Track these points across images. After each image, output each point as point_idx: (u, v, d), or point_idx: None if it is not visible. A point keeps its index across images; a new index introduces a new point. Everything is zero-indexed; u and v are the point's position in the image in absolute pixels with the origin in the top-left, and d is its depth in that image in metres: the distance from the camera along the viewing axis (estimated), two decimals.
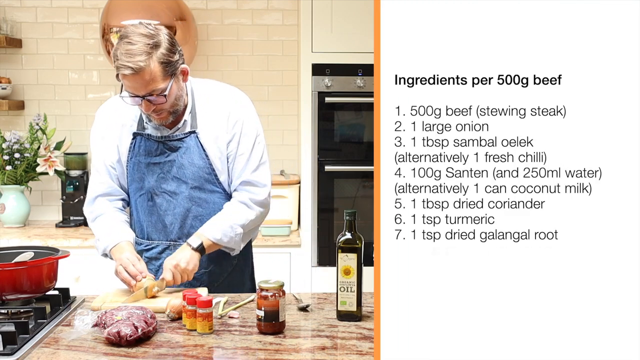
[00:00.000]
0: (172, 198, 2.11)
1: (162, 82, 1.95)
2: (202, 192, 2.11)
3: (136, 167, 2.12)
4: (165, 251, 2.14)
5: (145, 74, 1.91)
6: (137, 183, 2.13)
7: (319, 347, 1.65)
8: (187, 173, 2.09)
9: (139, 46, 1.91)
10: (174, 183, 2.10)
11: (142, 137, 2.11)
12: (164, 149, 2.10)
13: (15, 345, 1.58)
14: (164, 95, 1.96)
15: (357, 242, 1.81)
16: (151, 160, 2.11)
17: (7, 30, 3.66)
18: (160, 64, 1.93)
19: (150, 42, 1.92)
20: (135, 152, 2.12)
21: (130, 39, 1.92)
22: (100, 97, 3.78)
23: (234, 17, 3.80)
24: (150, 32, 1.95)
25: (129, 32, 1.94)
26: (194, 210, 2.11)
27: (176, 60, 1.99)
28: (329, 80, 3.40)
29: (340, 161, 3.47)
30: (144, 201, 2.14)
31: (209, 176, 2.11)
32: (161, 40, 1.95)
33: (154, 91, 1.94)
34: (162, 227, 2.14)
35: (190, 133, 2.09)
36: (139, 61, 1.90)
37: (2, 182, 3.53)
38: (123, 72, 1.91)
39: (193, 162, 2.09)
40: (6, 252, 1.99)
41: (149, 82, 1.92)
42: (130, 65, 1.89)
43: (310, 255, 3.44)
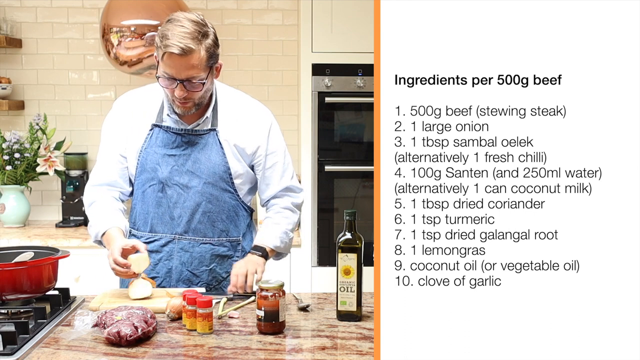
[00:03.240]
0: (184, 191, 2.12)
1: (203, 70, 1.99)
2: (214, 188, 2.13)
3: (150, 157, 2.13)
4: (168, 244, 2.15)
5: (192, 58, 1.95)
6: (148, 173, 2.14)
7: (319, 347, 1.65)
8: (203, 168, 2.11)
9: (191, 30, 1.95)
10: (187, 176, 2.12)
11: (160, 128, 2.13)
12: (182, 142, 2.12)
13: (15, 345, 1.58)
14: (201, 84, 2.00)
15: (357, 242, 1.81)
16: (167, 152, 2.12)
17: (7, 30, 3.66)
18: (207, 53, 1.98)
19: (201, 29, 1.97)
20: (151, 142, 2.13)
21: (183, 23, 1.96)
22: (100, 97, 3.79)
23: (234, 17, 3.80)
24: (200, 21, 2.00)
25: (180, 16, 1.99)
26: (203, 206, 2.13)
27: (218, 54, 2.05)
28: (329, 80, 3.40)
29: (340, 161, 3.47)
30: (153, 192, 2.14)
31: (224, 174, 2.13)
32: (209, 31, 2.01)
33: (194, 77, 1.98)
34: (169, 219, 2.15)
35: (211, 130, 2.12)
36: (190, 44, 1.93)
37: (2, 182, 3.53)
38: (171, 50, 1.93)
39: (210, 158, 2.11)
40: (6, 252, 1.99)
41: (193, 66, 1.96)
42: (181, 46, 1.92)
43: (310, 255, 3.44)
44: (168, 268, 2.15)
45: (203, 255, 2.15)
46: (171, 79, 1.98)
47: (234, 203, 2.16)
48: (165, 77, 1.99)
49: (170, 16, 2.01)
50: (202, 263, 2.14)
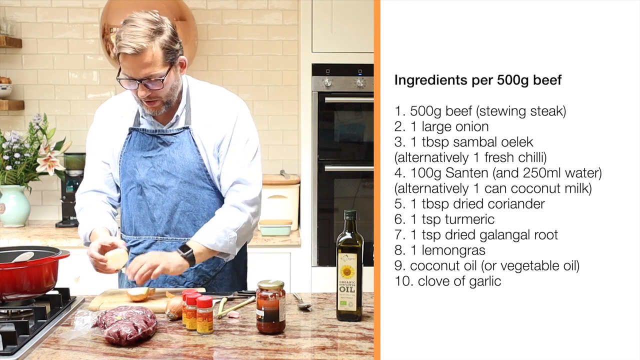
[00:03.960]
0: (162, 192, 2.12)
1: (161, 67, 1.97)
2: (191, 187, 2.12)
3: (129, 161, 2.14)
4: (152, 246, 2.15)
5: (146, 56, 1.94)
6: (128, 177, 2.15)
7: (319, 347, 1.65)
8: (178, 167, 2.10)
9: (143, 29, 1.94)
10: (163, 177, 2.11)
11: (137, 131, 2.14)
12: (157, 143, 2.12)
13: (15, 345, 1.58)
14: (161, 81, 1.98)
15: (357, 242, 1.81)
16: (144, 154, 2.12)
17: (7, 30, 3.66)
18: (162, 49, 1.97)
19: (154, 27, 1.96)
20: (130, 146, 2.14)
21: (135, 22, 1.96)
22: (100, 97, 3.78)
23: (234, 17, 3.80)
24: (155, 19, 1.98)
25: (134, 17, 1.98)
26: (182, 205, 2.12)
27: (177, 49, 2.02)
28: (329, 80, 3.40)
29: (340, 161, 3.46)
30: (134, 195, 2.16)
31: (199, 172, 2.11)
32: (164, 28, 1.99)
33: (152, 75, 1.97)
34: (150, 221, 2.15)
35: (184, 129, 2.11)
36: (141, 42, 1.92)
37: (2, 182, 3.52)
38: (124, 51, 1.93)
39: (184, 156, 2.10)
40: (6, 252, 1.99)
41: (148, 64, 1.95)
42: (132, 45, 1.92)
43: (310, 255, 3.44)
44: None
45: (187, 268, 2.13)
46: (131, 80, 1.98)
47: (214, 200, 2.15)
48: (126, 78, 1.99)
49: (126, 18, 2.00)
50: None
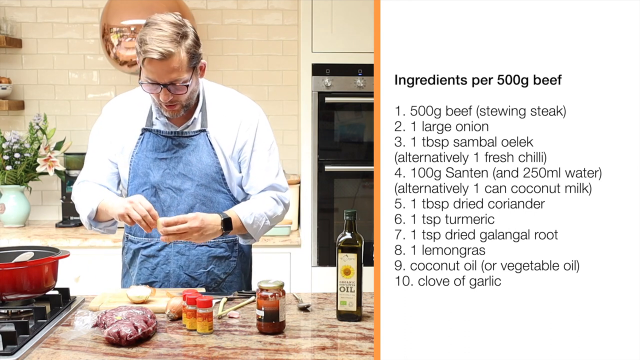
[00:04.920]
0: (177, 194, 2.10)
1: (186, 72, 1.96)
2: (207, 190, 2.11)
3: (142, 162, 2.11)
4: (165, 248, 2.14)
5: (173, 61, 1.92)
6: (140, 178, 2.12)
7: (319, 347, 1.65)
8: (194, 170, 2.09)
9: (169, 33, 1.91)
10: (179, 179, 2.10)
11: (150, 132, 2.11)
12: (173, 145, 2.10)
13: (15, 345, 1.58)
14: (185, 86, 1.97)
15: (357, 242, 1.81)
16: (158, 155, 2.10)
17: (7, 30, 3.66)
18: (187, 54, 1.95)
19: (179, 31, 1.94)
20: (142, 147, 2.11)
21: (160, 25, 1.93)
22: (100, 97, 3.78)
23: (234, 17, 3.80)
24: (179, 22, 1.96)
25: (158, 19, 1.95)
26: (197, 208, 2.10)
27: (200, 53, 2.01)
28: (329, 80, 3.40)
29: (340, 161, 3.46)
30: (147, 196, 2.12)
31: (216, 175, 2.11)
32: (188, 31, 1.97)
33: (177, 80, 1.95)
34: None
35: (201, 131, 2.10)
36: (169, 47, 1.90)
37: (2, 182, 3.53)
38: (151, 56, 1.90)
39: (201, 159, 2.09)
40: (6, 252, 1.99)
41: (174, 70, 1.93)
42: (160, 50, 1.89)
43: (310, 255, 3.44)
44: (166, 272, 2.14)
45: (200, 257, 2.14)
46: (155, 84, 1.96)
47: (228, 204, 2.14)
48: (149, 82, 1.96)
49: (148, 19, 1.97)
50: (199, 265, 2.13)
